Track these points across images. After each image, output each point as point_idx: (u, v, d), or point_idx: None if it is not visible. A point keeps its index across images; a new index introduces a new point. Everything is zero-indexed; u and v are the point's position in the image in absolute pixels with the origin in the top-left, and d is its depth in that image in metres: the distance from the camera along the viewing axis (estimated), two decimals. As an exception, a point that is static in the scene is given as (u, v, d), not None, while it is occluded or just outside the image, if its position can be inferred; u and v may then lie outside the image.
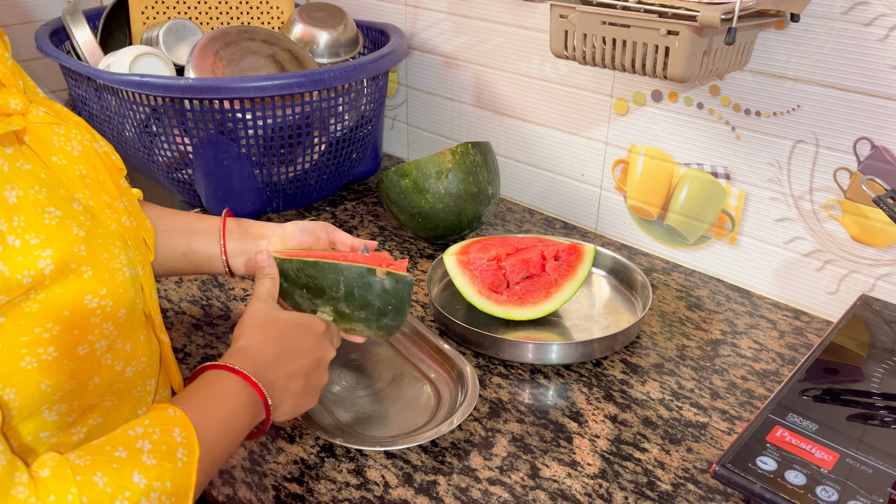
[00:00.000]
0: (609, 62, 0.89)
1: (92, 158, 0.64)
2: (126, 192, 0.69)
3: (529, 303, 0.95)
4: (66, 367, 0.55)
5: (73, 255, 0.55)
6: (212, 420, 0.59)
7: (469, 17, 1.25)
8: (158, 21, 1.34)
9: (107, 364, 0.59)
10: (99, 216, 0.60)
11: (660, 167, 1.10)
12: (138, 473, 0.51)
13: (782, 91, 0.94)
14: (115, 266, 0.59)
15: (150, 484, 0.51)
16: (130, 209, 0.67)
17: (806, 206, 0.97)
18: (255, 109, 1.10)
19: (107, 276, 0.58)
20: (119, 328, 0.59)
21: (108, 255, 0.59)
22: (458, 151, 1.09)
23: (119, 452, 0.52)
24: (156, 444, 0.54)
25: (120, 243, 0.61)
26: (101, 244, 0.58)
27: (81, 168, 0.62)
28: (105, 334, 0.58)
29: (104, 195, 0.63)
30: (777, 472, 0.66)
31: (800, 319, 1.00)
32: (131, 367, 0.63)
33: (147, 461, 0.52)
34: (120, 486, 0.50)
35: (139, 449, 0.53)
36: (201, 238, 0.83)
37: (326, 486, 0.73)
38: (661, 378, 0.88)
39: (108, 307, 0.58)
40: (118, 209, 0.64)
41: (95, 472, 0.50)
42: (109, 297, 0.58)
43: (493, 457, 0.77)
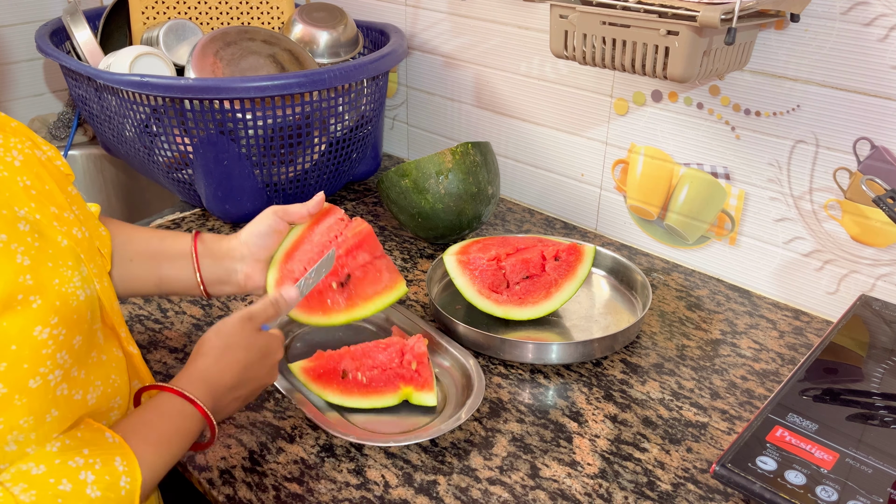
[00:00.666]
0: (609, 62, 0.89)
1: (35, 167, 0.60)
2: (76, 200, 0.65)
3: (529, 303, 0.95)
4: (17, 402, 0.53)
5: (17, 286, 0.52)
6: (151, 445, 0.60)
7: (469, 17, 1.25)
8: (158, 21, 1.34)
9: (63, 395, 0.57)
10: (47, 233, 0.57)
11: (660, 167, 1.10)
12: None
13: (782, 91, 0.94)
14: (69, 291, 0.56)
15: None
16: (81, 218, 0.64)
17: (806, 206, 0.97)
18: (255, 109, 1.10)
19: (58, 304, 0.55)
20: (74, 355, 0.57)
21: (60, 280, 0.55)
22: (458, 151, 1.09)
23: (63, 486, 0.52)
24: (98, 475, 0.54)
25: (73, 262, 0.58)
26: (50, 268, 0.55)
27: (25, 179, 0.58)
28: (59, 364, 0.55)
29: (51, 206, 0.59)
30: (777, 472, 0.66)
31: (800, 319, 1.00)
32: (91, 395, 0.60)
33: (91, 493, 0.53)
34: None
35: (83, 481, 0.53)
36: (172, 265, 0.81)
37: (326, 486, 0.73)
38: (661, 378, 0.88)
39: (62, 336, 0.55)
40: (68, 220, 0.61)
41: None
42: (62, 326, 0.55)
43: (493, 457, 0.77)
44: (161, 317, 0.99)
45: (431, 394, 0.82)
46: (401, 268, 1.11)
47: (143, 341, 0.94)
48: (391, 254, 1.15)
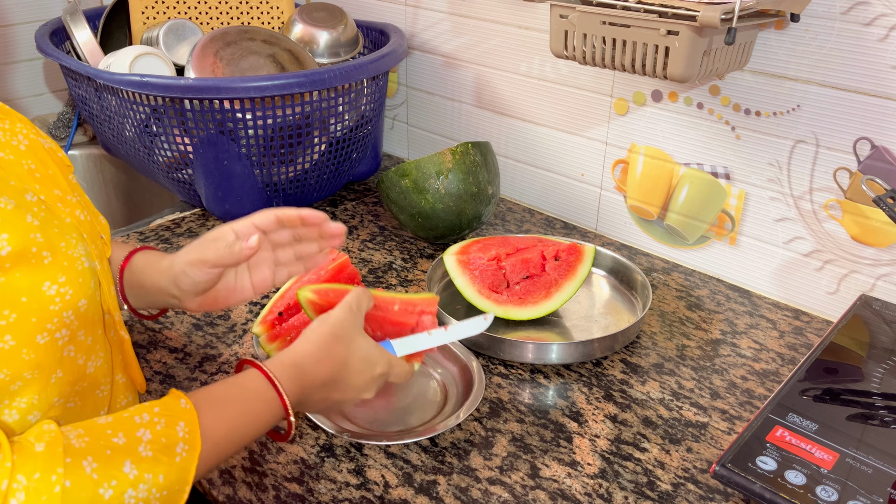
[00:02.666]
0: (609, 62, 0.89)
1: (39, 153, 0.63)
2: (76, 188, 0.67)
3: (529, 303, 0.95)
4: (24, 356, 0.54)
5: (30, 241, 0.53)
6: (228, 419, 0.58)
7: (469, 17, 1.25)
8: (158, 21, 1.34)
9: (69, 356, 0.57)
10: (53, 209, 0.59)
11: (660, 167, 1.10)
12: (130, 463, 0.51)
13: (782, 91, 0.94)
14: (74, 255, 0.57)
15: (139, 476, 0.51)
16: (83, 204, 0.66)
17: (806, 206, 0.97)
18: (255, 109, 1.10)
19: (66, 264, 0.56)
20: (80, 318, 0.57)
21: (66, 244, 0.57)
22: (458, 151, 1.09)
23: (118, 439, 0.51)
24: (156, 436, 0.53)
25: (76, 235, 0.59)
26: (57, 233, 0.57)
27: (30, 163, 0.60)
28: (66, 323, 0.56)
29: (55, 189, 0.61)
30: (777, 472, 0.66)
31: (800, 319, 1.00)
32: (92, 363, 0.61)
33: (143, 452, 0.52)
34: (108, 474, 0.49)
35: (138, 438, 0.52)
36: None
37: (326, 486, 0.73)
38: (661, 378, 0.88)
39: (68, 295, 0.56)
40: (71, 203, 0.62)
41: (86, 457, 0.49)
42: (69, 286, 0.56)
43: (493, 457, 0.77)
44: (161, 317, 0.99)
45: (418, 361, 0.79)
46: (401, 267, 1.11)
47: (143, 341, 0.94)
48: (391, 253, 1.15)
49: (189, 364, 0.90)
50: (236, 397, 0.61)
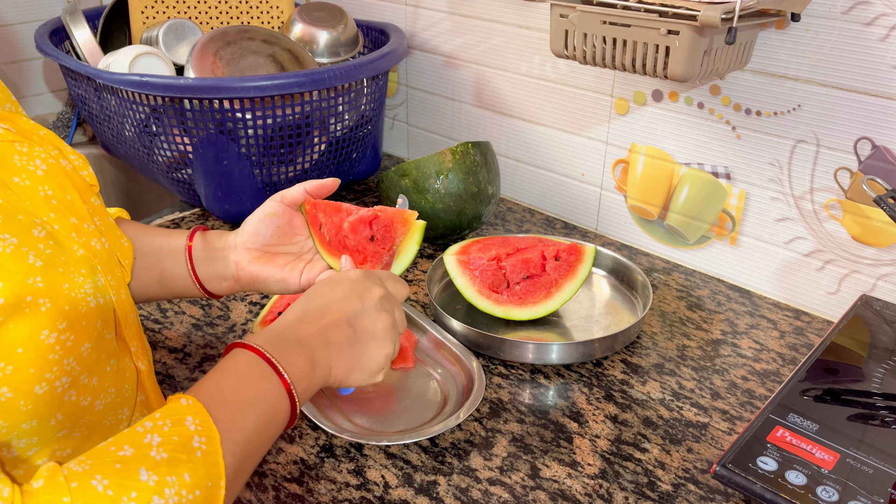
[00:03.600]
0: (609, 62, 0.89)
1: (58, 177, 0.60)
2: (98, 211, 0.65)
3: (529, 303, 0.95)
4: (21, 407, 0.51)
5: (27, 288, 0.51)
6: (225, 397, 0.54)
7: (469, 16, 1.25)
8: (158, 21, 1.34)
9: (70, 400, 0.55)
10: (63, 242, 0.57)
11: (660, 167, 1.10)
12: (146, 470, 0.46)
13: (783, 91, 0.94)
14: (79, 297, 0.55)
15: (161, 480, 0.46)
16: (103, 229, 0.63)
17: (806, 206, 0.97)
18: (255, 109, 1.10)
19: (67, 308, 0.53)
20: (83, 363, 0.55)
21: (70, 286, 0.54)
22: (458, 151, 1.08)
23: (124, 451, 0.47)
24: (166, 437, 0.49)
25: (86, 270, 0.57)
26: (61, 274, 0.54)
27: (46, 188, 0.58)
28: (66, 371, 0.54)
29: (72, 217, 0.59)
30: (777, 473, 0.66)
31: (800, 319, 1.00)
32: (100, 401, 0.58)
33: (156, 455, 0.47)
34: (124, 486, 0.45)
35: (147, 444, 0.48)
36: (172, 261, 0.78)
37: (326, 486, 0.73)
38: (661, 378, 0.88)
39: (69, 342, 0.53)
40: (87, 231, 0.60)
41: (94, 476, 0.45)
42: (71, 332, 0.53)
43: (493, 457, 0.77)
44: (161, 317, 0.99)
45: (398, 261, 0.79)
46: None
47: (143, 341, 0.94)
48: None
49: (189, 364, 0.90)
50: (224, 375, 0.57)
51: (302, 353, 0.59)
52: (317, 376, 0.60)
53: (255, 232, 0.77)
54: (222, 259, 0.78)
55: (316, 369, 0.60)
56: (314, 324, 0.62)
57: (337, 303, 0.63)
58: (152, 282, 0.79)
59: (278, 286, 0.77)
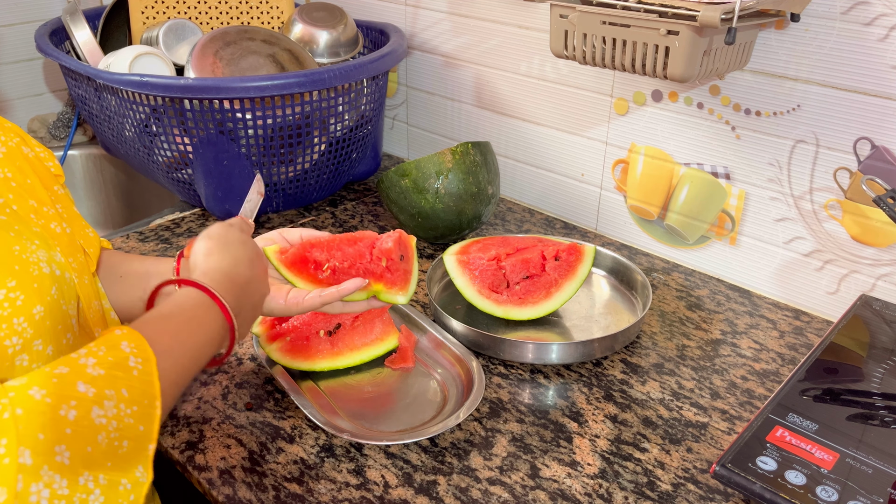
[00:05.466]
0: (609, 62, 0.89)
1: (18, 161, 0.62)
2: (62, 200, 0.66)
3: (529, 303, 0.95)
4: None
5: None
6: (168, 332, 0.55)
7: (469, 17, 1.25)
8: (158, 21, 1.34)
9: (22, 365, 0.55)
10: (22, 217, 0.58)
11: (660, 167, 1.10)
12: (84, 383, 0.47)
13: (782, 91, 0.94)
14: (30, 259, 0.56)
15: (100, 392, 0.47)
16: (65, 216, 0.65)
17: (806, 206, 0.97)
18: (255, 109, 1.10)
19: (17, 269, 0.55)
20: (35, 326, 0.55)
21: (21, 248, 0.56)
22: (458, 151, 1.08)
23: (60, 370, 0.47)
24: (101, 358, 0.49)
25: (40, 242, 0.58)
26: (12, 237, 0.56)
27: (6, 171, 0.60)
28: (17, 331, 0.54)
29: (30, 199, 0.61)
30: (777, 472, 0.66)
31: (800, 319, 1.00)
32: None
33: (93, 372, 0.48)
34: (62, 395, 0.46)
35: (82, 364, 0.48)
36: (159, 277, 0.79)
37: (326, 486, 0.73)
38: (661, 378, 0.88)
39: (19, 301, 0.54)
40: (47, 214, 0.62)
41: (31, 387, 0.45)
42: (20, 290, 0.54)
43: (493, 457, 0.77)
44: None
45: (403, 293, 0.82)
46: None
47: (143, 341, 0.94)
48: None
49: (189, 364, 0.90)
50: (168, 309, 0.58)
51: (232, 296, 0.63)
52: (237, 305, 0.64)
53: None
54: None
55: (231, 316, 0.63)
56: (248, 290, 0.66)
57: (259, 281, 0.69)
58: (136, 300, 0.80)
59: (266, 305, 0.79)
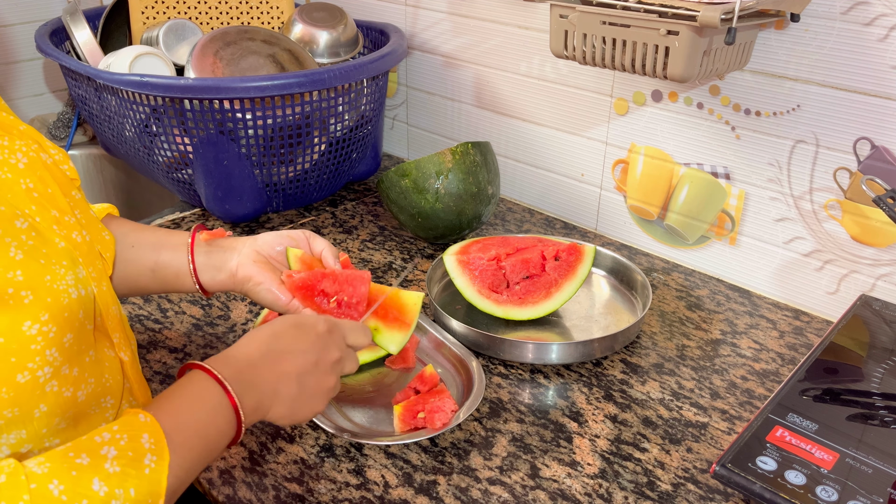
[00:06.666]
0: (609, 62, 0.89)
1: (39, 171, 0.61)
2: (79, 204, 0.66)
3: (529, 303, 0.95)
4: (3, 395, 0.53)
5: (8, 281, 0.53)
6: (185, 423, 0.57)
7: (469, 17, 1.25)
8: (158, 21, 1.34)
9: (53, 391, 0.57)
10: (45, 234, 0.58)
11: (660, 167, 1.10)
12: (99, 481, 0.50)
13: (782, 91, 0.94)
14: (60, 288, 0.56)
15: (110, 492, 0.50)
16: (84, 222, 0.64)
17: (806, 206, 0.97)
18: (255, 109, 1.10)
19: (49, 300, 0.55)
20: (64, 353, 0.57)
21: (52, 277, 0.56)
22: (458, 151, 1.09)
23: (81, 459, 0.50)
24: (122, 451, 0.52)
25: (67, 262, 0.58)
26: (42, 265, 0.55)
27: (28, 181, 0.59)
28: (49, 361, 0.55)
29: (53, 210, 0.60)
30: (777, 472, 0.66)
31: (800, 319, 1.00)
32: (82, 392, 0.60)
33: (110, 468, 0.51)
34: (77, 493, 0.49)
35: (103, 456, 0.51)
36: (170, 251, 0.80)
37: (326, 486, 0.73)
38: (661, 378, 0.88)
39: (52, 333, 0.55)
40: (68, 224, 0.61)
41: (52, 480, 0.49)
42: (52, 323, 0.55)
43: (493, 457, 0.77)
44: (161, 317, 0.99)
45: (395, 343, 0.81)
46: (401, 267, 1.11)
47: (143, 341, 0.94)
48: (391, 253, 1.15)
49: (189, 364, 0.90)
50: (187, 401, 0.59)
51: (253, 395, 0.62)
52: (256, 416, 0.63)
53: (272, 242, 0.82)
54: (226, 252, 0.81)
55: (258, 411, 0.63)
56: (271, 370, 0.64)
57: (296, 353, 0.66)
58: (146, 270, 0.80)
59: (269, 295, 0.79)
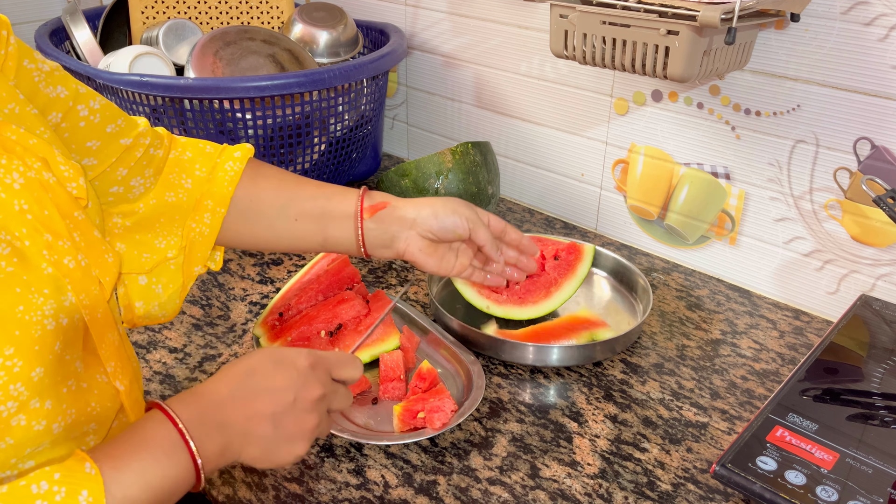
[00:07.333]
0: (609, 62, 0.89)
1: (36, 191, 0.58)
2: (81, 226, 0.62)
3: (529, 302, 0.95)
4: None
5: None
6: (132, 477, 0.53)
7: (469, 17, 1.25)
8: (158, 21, 1.34)
9: (20, 425, 0.54)
10: (31, 259, 0.55)
11: (660, 167, 1.10)
12: None
13: (782, 91, 0.94)
14: (33, 320, 0.53)
15: None
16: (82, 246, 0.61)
17: (806, 206, 0.97)
18: (255, 109, 1.10)
19: (18, 333, 0.52)
20: (32, 388, 0.54)
21: (26, 307, 0.53)
22: (458, 151, 1.08)
23: None
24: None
25: (51, 290, 0.55)
26: (17, 294, 0.53)
27: (22, 202, 0.57)
28: (12, 395, 0.52)
29: (46, 233, 0.57)
30: (777, 472, 0.66)
31: (800, 319, 1.00)
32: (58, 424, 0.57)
33: None
34: None
35: None
36: (337, 225, 0.81)
37: (326, 486, 0.73)
38: (661, 378, 0.88)
39: (16, 368, 0.52)
40: (61, 249, 0.58)
41: None
42: (18, 356, 0.52)
43: (493, 457, 0.77)
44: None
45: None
46: (400, 267, 1.11)
47: (143, 341, 0.94)
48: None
49: (189, 364, 0.90)
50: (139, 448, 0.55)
51: (219, 437, 0.58)
52: (224, 460, 0.59)
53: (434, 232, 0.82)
54: (394, 232, 0.83)
55: (226, 455, 0.59)
56: (242, 410, 0.59)
57: (272, 392, 0.60)
58: (315, 244, 0.83)
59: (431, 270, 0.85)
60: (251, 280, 1.08)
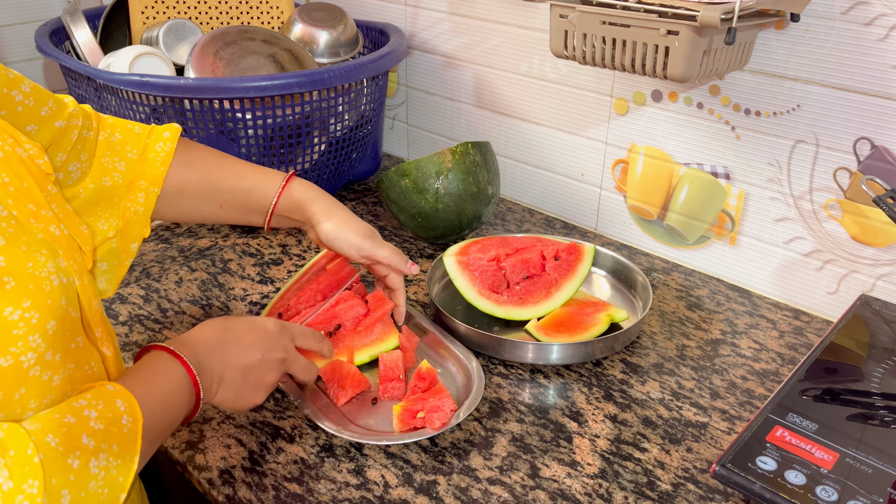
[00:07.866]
0: (609, 62, 0.89)
1: (15, 165, 0.61)
2: (55, 198, 0.66)
3: (530, 303, 0.95)
4: None
5: None
6: (151, 395, 0.62)
7: (469, 17, 1.25)
8: (158, 21, 1.34)
9: (36, 376, 0.57)
10: (24, 224, 0.58)
11: (660, 167, 1.10)
12: (87, 436, 0.54)
13: (782, 91, 0.94)
14: (42, 275, 0.57)
15: (98, 445, 0.54)
16: (61, 216, 0.65)
17: (806, 206, 0.97)
18: (255, 109, 1.10)
19: (32, 287, 0.55)
20: (48, 340, 0.57)
21: (34, 264, 0.56)
22: (458, 151, 1.09)
23: (68, 419, 0.54)
24: (101, 413, 0.56)
25: (47, 252, 0.59)
26: (24, 252, 0.56)
27: (3, 176, 0.60)
28: (32, 347, 0.56)
29: (29, 203, 0.60)
30: (777, 472, 0.66)
31: (800, 319, 1.00)
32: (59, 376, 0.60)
33: (94, 426, 0.55)
34: (71, 446, 0.52)
35: (86, 417, 0.55)
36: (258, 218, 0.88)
37: (326, 486, 0.73)
38: (661, 378, 0.88)
39: (34, 319, 0.55)
40: (45, 217, 0.62)
41: (47, 434, 0.52)
42: (35, 310, 0.55)
43: (493, 457, 0.77)
44: (161, 317, 0.99)
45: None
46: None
47: (143, 341, 0.94)
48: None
49: (189, 364, 0.90)
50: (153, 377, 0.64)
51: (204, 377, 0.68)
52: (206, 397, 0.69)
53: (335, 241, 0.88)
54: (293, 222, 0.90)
55: (207, 393, 0.69)
56: (220, 357, 0.70)
57: (244, 348, 0.72)
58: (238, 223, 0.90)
59: None
60: (251, 280, 1.08)
